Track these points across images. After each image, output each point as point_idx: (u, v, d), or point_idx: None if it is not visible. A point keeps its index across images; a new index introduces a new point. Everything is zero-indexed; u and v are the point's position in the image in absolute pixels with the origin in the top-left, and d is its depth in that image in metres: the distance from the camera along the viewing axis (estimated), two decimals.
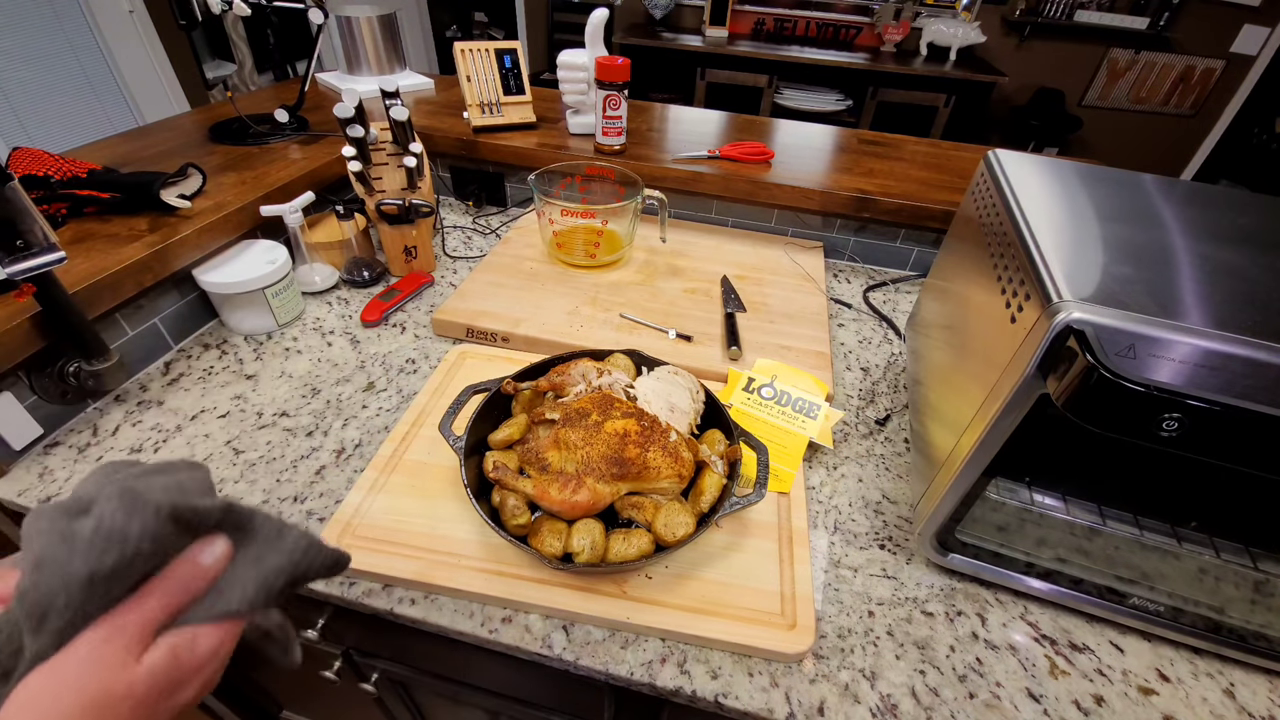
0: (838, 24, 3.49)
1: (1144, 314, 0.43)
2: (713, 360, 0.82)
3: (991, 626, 0.58)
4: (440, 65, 4.32)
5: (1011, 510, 0.60)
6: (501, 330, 0.85)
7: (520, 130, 1.18)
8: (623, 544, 0.55)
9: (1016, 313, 0.50)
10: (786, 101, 3.30)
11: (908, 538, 0.65)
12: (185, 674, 0.28)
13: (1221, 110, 3.42)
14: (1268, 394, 0.40)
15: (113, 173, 0.86)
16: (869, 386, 0.85)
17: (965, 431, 0.54)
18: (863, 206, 1.04)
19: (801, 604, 0.56)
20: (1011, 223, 0.57)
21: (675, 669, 0.53)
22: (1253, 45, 3.20)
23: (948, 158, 1.22)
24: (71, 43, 2.33)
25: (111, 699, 0.25)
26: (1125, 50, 3.32)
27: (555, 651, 0.53)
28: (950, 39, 3.18)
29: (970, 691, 0.53)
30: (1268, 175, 3.28)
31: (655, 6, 3.46)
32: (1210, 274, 0.49)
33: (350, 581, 0.57)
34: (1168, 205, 0.60)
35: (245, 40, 3.02)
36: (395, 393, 0.78)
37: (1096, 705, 0.53)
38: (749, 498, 0.58)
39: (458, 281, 1.00)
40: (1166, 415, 0.40)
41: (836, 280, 1.08)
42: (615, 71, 1.03)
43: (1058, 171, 0.67)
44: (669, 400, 0.65)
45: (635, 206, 0.95)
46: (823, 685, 0.52)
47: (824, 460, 0.73)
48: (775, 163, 1.13)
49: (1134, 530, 0.59)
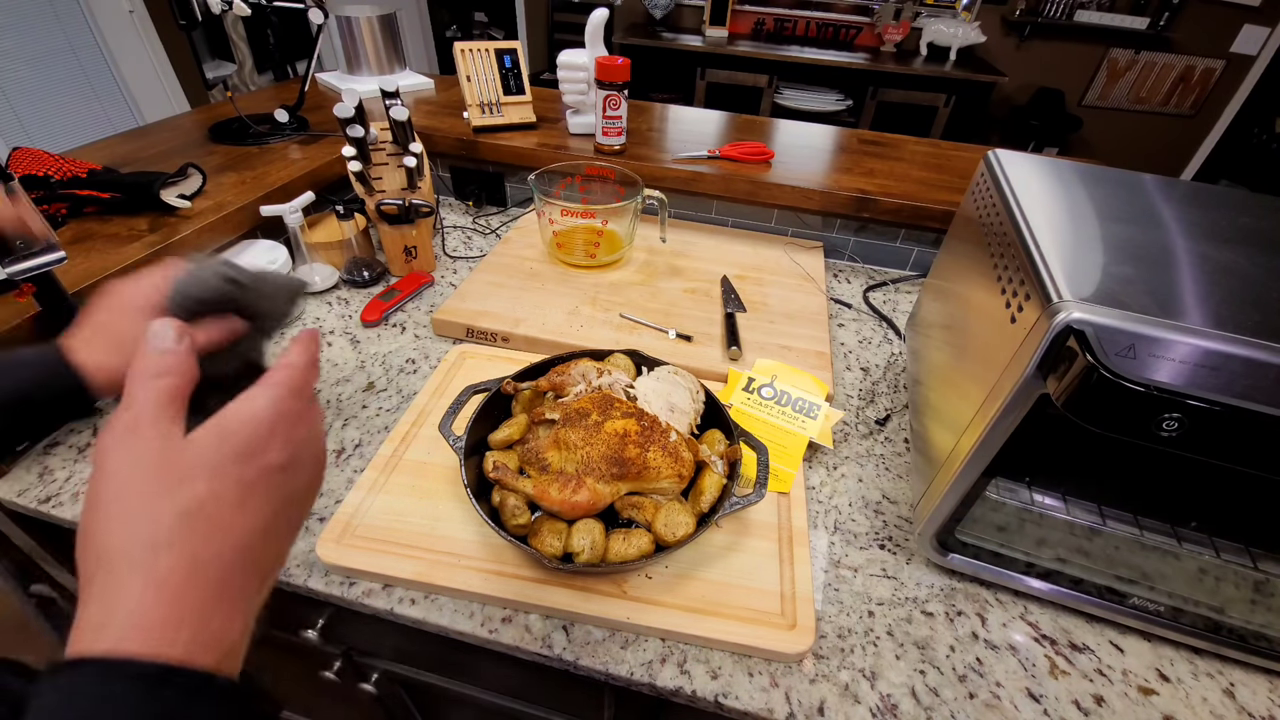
0: (838, 24, 3.49)
1: (1144, 314, 0.43)
2: (713, 360, 0.82)
3: (991, 626, 0.58)
4: (440, 65, 4.32)
5: (1011, 510, 0.60)
6: (501, 330, 0.85)
7: (520, 130, 1.18)
8: (623, 544, 0.55)
9: (1016, 313, 0.50)
10: (786, 101, 3.30)
11: (908, 538, 0.65)
12: (240, 432, 0.28)
13: (1221, 110, 3.42)
14: (1268, 394, 0.40)
15: (113, 173, 0.86)
16: (869, 386, 0.85)
17: (965, 431, 0.54)
18: (863, 206, 1.04)
19: (801, 604, 0.56)
20: (1011, 223, 0.57)
21: (675, 669, 0.53)
22: (1253, 45, 3.20)
23: (948, 158, 1.22)
24: (71, 43, 2.33)
25: (176, 472, 0.26)
26: (1125, 50, 3.32)
27: (555, 651, 0.53)
28: (950, 39, 3.18)
29: (970, 691, 0.53)
30: (1268, 175, 3.28)
31: (655, 6, 3.46)
32: (1210, 274, 0.49)
33: (350, 581, 0.57)
34: (1168, 205, 0.60)
35: (245, 40, 3.03)
36: (395, 393, 0.78)
37: (1096, 705, 0.53)
38: (749, 498, 0.58)
39: (458, 281, 1.00)
40: (1166, 415, 0.40)
41: (836, 280, 1.08)
42: (615, 71, 1.03)
43: (1058, 171, 0.67)
44: (669, 400, 0.65)
45: (635, 206, 0.95)
46: (823, 685, 0.52)
47: (824, 460, 0.73)
48: (775, 163, 1.13)
49: (1134, 530, 0.59)
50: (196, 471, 0.26)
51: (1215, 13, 3.15)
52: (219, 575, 0.26)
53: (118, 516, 0.25)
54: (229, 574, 0.26)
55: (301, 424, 0.31)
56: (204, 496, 0.26)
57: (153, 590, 0.24)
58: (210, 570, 0.25)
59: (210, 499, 0.26)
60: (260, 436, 0.29)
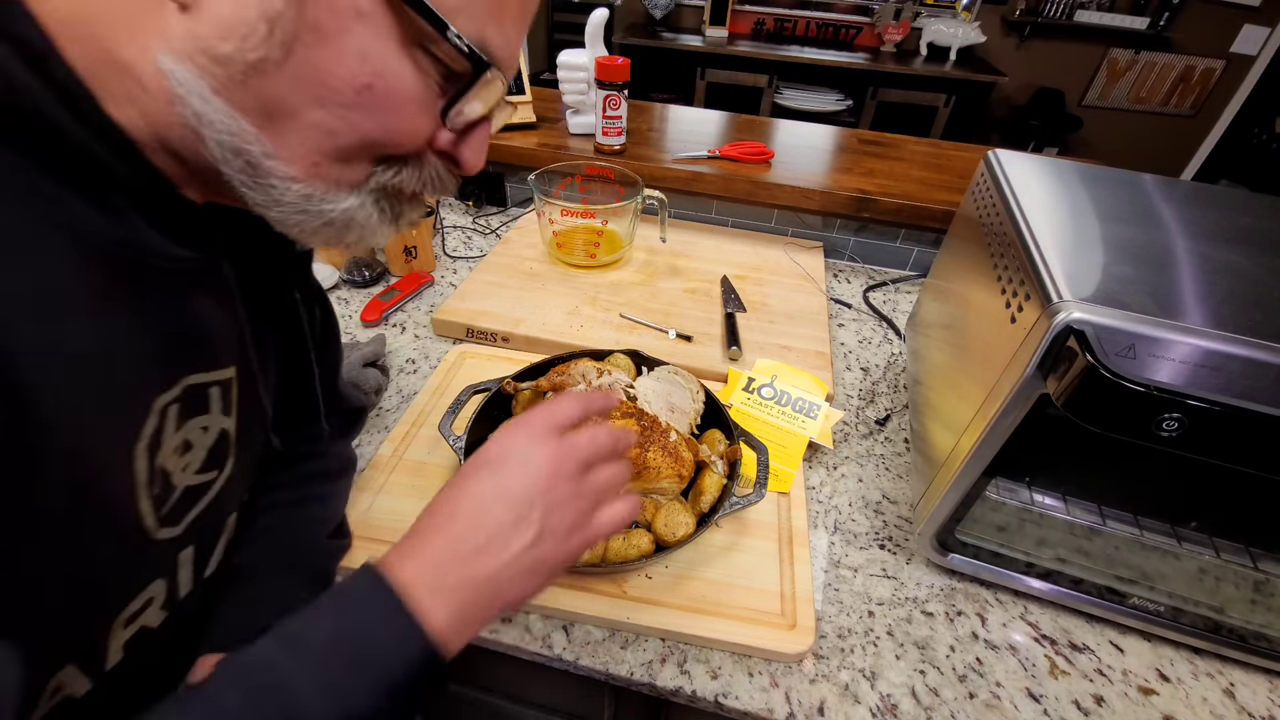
0: (838, 24, 3.48)
1: (1144, 314, 0.43)
2: (713, 360, 0.82)
3: (991, 626, 0.58)
4: None
5: (1011, 510, 0.60)
6: (501, 330, 0.85)
7: (520, 130, 1.18)
8: (623, 544, 0.55)
9: (1016, 313, 0.50)
10: (786, 101, 3.29)
11: (908, 538, 0.65)
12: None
13: (1221, 110, 3.41)
14: (1268, 394, 0.40)
15: None
16: (869, 386, 0.85)
17: (965, 431, 0.54)
18: (863, 206, 1.04)
19: (801, 604, 0.56)
20: (1011, 223, 0.57)
21: (675, 669, 0.53)
22: (1253, 45, 3.20)
23: (948, 158, 1.22)
24: None
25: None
26: (1125, 50, 3.32)
27: (555, 651, 0.53)
28: (950, 39, 3.18)
29: (970, 691, 0.53)
30: (1268, 175, 3.28)
31: (655, 6, 3.46)
32: (1210, 274, 0.49)
33: None
34: (1168, 205, 0.60)
35: None
36: (395, 392, 0.78)
37: (1096, 705, 0.53)
38: (749, 498, 0.58)
39: (458, 281, 0.99)
40: (1166, 415, 0.40)
41: (836, 280, 1.08)
42: (615, 71, 1.03)
43: (1058, 171, 0.67)
44: (669, 400, 0.65)
45: (635, 206, 0.95)
46: (823, 685, 0.52)
47: (824, 460, 0.73)
48: (775, 163, 1.13)
49: (1134, 530, 0.59)
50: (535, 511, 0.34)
51: (1215, 13, 3.15)
52: (490, 592, 0.33)
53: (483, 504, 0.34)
54: (494, 595, 0.33)
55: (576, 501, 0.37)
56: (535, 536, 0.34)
57: (445, 565, 0.33)
58: (485, 585, 0.33)
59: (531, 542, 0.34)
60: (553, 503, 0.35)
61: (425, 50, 0.28)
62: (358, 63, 0.26)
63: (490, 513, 0.34)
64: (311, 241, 0.33)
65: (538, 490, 0.34)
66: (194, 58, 0.25)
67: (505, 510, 0.34)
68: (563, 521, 0.35)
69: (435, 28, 0.27)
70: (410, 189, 0.33)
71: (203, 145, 0.27)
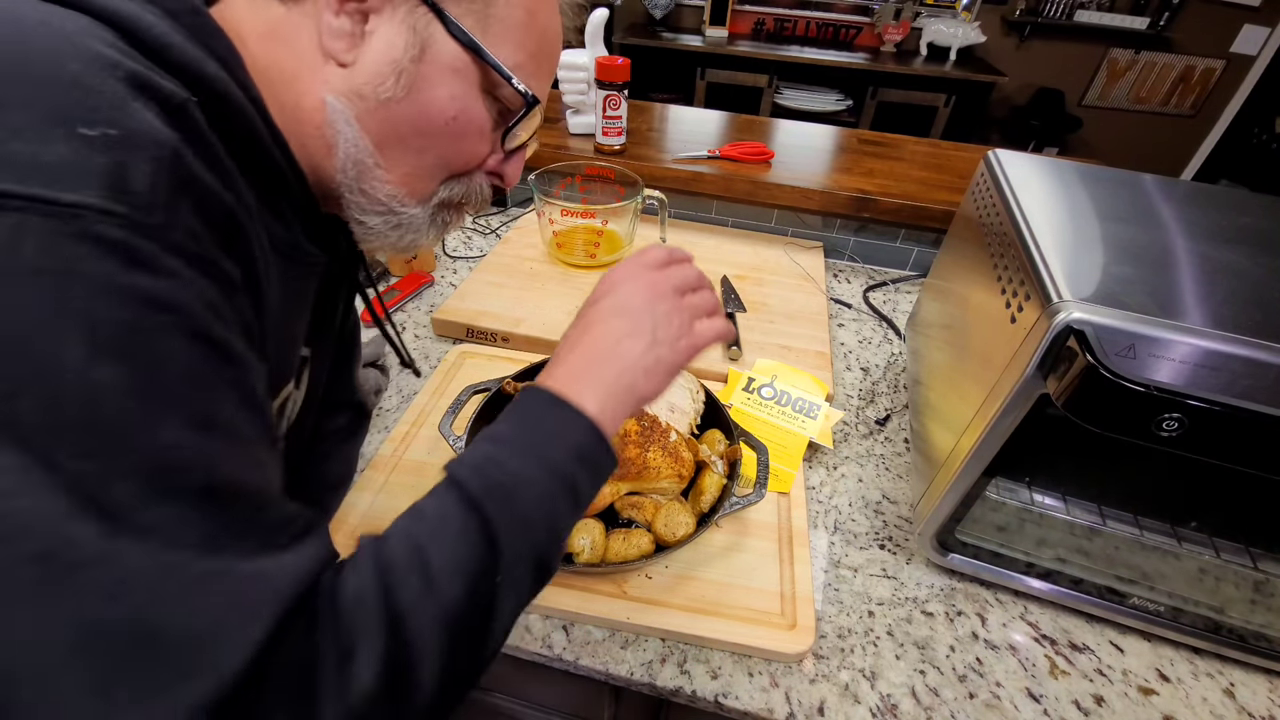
0: (838, 24, 3.48)
1: (1144, 314, 0.43)
2: (713, 360, 0.82)
3: (991, 626, 0.58)
4: None
5: (1011, 510, 0.60)
6: (502, 330, 0.85)
7: None
8: (623, 544, 0.55)
9: (1016, 313, 0.50)
10: (786, 101, 3.29)
11: (908, 538, 0.65)
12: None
13: (1221, 110, 3.41)
14: (1268, 394, 0.40)
15: None
16: (869, 386, 0.85)
17: (965, 431, 0.54)
18: (863, 206, 1.04)
19: (801, 604, 0.56)
20: (1011, 223, 0.57)
21: (675, 669, 0.53)
22: (1253, 45, 3.20)
23: (948, 158, 1.22)
24: None
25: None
26: (1125, 50, 3.32)
27: (555, 651, 0.53)
28: (950, 39, 3.18)
29: (970, 691, 0.53)
30: (1268, 175, 3.28)
31: (655, 6, 3.46)
32: (1210, 274, 0.49)
33: None
34: (1168, 205, 0.60)
35: None
36: (395, 393, 0.78)
37: (1096, 705, 0.53)
38: (749, 498, 0.58)
39: (458, 281, 0.99)
40: (1166, 415, 0.40)
41: (836, 280, 1.08)
42: (615, 71, 1.03)
43: (1058, 171, 0.67)
44: (669, 400, 0.65)
45: (635, 206, 0.95)
46: (823, 685, 0.52)
47: (824, 460, 0.73)
48: (775, 163, 1.12)
49: (1134, 530, 0.59)
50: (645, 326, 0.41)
51: (1215, 13, 3.15)
52: (625, 385, 0.39)
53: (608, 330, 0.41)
54: (629, 389, 0.39)
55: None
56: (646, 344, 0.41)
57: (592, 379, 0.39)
58: (617, 381, 0.39)
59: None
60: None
61: (492, 94, 0.38)
62: (449, 102, 0.36)
63: (610, 326, 0.41)
64: (380, 243, 0.41)
65: (645, 307, 0.42)
66: (347, 95, 0.35)
67: (622, 323, 0.41)
68: (669, 331, 0.42)
69: (504, 79, 0.37)
70: (459, 200, 0.42)
71: (332, 158, 0.36)
